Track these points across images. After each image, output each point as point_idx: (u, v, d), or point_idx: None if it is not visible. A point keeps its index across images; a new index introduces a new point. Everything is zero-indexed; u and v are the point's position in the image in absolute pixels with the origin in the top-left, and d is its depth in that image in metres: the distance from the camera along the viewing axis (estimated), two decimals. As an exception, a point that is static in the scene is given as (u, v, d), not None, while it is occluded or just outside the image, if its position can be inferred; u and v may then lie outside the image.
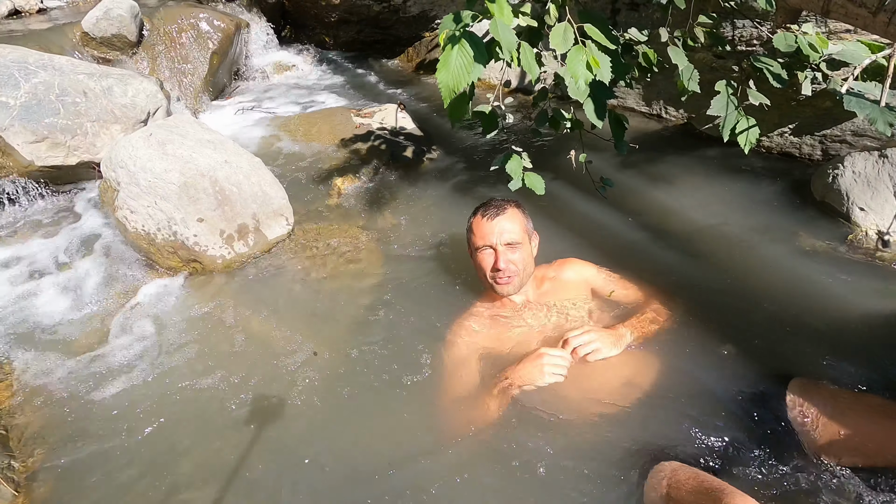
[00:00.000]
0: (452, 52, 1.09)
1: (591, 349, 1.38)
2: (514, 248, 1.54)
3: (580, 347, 1.38)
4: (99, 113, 2.46)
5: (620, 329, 1.44)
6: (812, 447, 1.21)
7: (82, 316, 1.84)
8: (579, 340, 1.39)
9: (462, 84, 1.09)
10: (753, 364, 1.42)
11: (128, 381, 1.60)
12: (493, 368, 1.47)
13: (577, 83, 1.30)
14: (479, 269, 1.58)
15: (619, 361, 1.45)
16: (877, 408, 1.19)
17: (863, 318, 1.52)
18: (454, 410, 1.39)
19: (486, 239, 1.53)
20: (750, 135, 1.73)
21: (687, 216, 2.08)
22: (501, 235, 1.53)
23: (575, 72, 1.27)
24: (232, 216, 1.98)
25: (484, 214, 1.57)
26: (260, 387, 1.55)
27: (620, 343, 1.42)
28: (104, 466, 1.37)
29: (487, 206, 1.60)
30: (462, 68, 1.09)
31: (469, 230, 1.62)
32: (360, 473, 1.31)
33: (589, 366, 1.41)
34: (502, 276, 1.52)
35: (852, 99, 1.68)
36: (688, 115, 2.64)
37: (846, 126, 2.10)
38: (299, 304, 1.86)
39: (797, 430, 1.24)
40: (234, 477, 1.32)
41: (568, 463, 1.27)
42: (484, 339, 1.54)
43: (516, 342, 1.52)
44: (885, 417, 1.17)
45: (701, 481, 1.05)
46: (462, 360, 1.47)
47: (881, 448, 1.14)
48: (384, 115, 3.10)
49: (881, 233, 1.78)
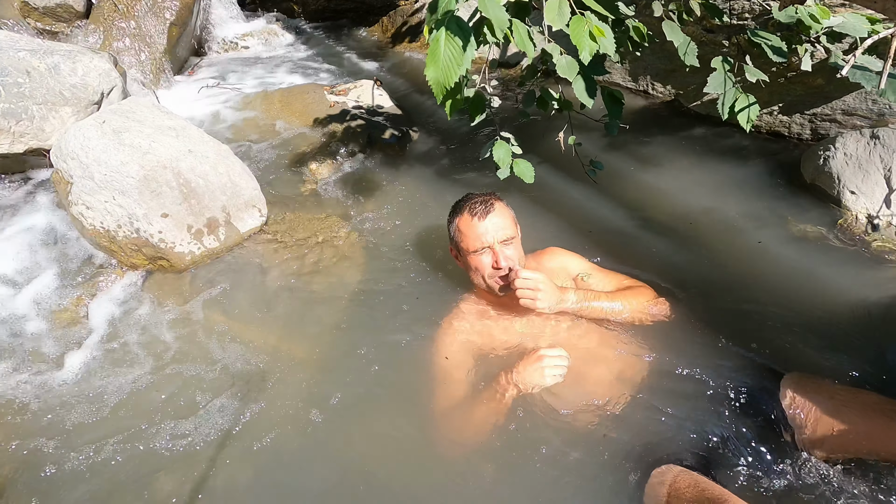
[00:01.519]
0: (440, 42, 0.98)
1: (528, 296, 1.35)
2: (509, 244, 1.45)
3: (520, 290, 1.35)
4: (46, 94, 2.24)
5: (568, 293, 1.41)
6: (807, 443, 1.20)
7: (39, 320, 1.71)
8: (523, 283, 1.35)
9: (453, 77, 0.99)
10: (745, 356, 1.40)
11: (92, 389, 1.51)
12: (486, 368, 1.42)
13: (582, 54, 1.20)
14: (473, 272, 1.48)
15: (611, 355, 1.42)
16: (873, 405, 1.18)
17: (853, 306, 1.51)
18: (453, 417, 1.34)
19: (482, 240, 1.43)
20: (750, 112, 1.66)
21: (676, 200, 2.03)
22: (497, 233, 1.43)
23: (580, 43, 1.17)
24: (199, 210, 1.84)
25: (473, 213, 1.45)
26: (235, 388, 1.48)
27: (560, 303, 1.38)
28: (74, 477, 1.29)
29: (472, 203, 1.48)
30: (451, 60, 0.98)
31: (457, 231, 1.49)
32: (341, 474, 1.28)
33: (581, 360, 1.37)
34: (527, 282, 1.38)
35: (857, 71, 1.62)
36: (675, 92, 2.56)
37: (836, 104, 2.06)
38: (276, 300, 1.76)
39: (792, 425, 1.23)
40: (209, 483, 1.27)
41: (566, 465, 1.24)
42: (475, 337, 1.48)
43: (507, 338, 1.47)
44: (881, 415, 1.16)
45: (702, 490, 1.03)
46: (455, 363, 1.41)
47: (876, 445, 1.14)
48: (360, 93, 2.94)
49: (871, 217, 1.76)
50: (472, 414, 1.32)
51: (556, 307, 1.39)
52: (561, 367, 1.28)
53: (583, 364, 1.39)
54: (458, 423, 1.33)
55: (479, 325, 1.50)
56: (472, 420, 1.31)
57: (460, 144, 2.58)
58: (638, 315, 1.44)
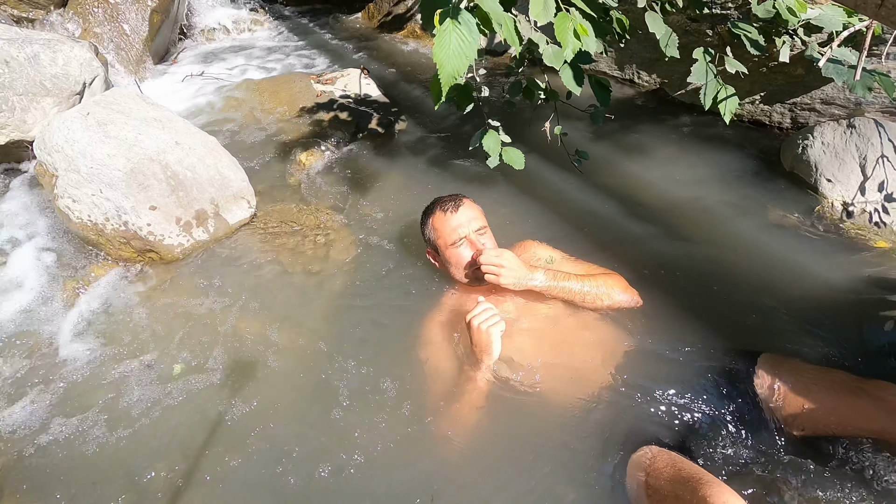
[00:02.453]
0: (450, 34, 0.98)
1: (492, 271, 1.40)
2: (483, 233, 1.51)
3: (484, 266, 1.40)
4: (26, 85, 2.20)
5: (536, 272, 1.44)
6: (780, 420, 1.25)
7: (29, 314, 1.70)
8: (487, 258, 1.40)
9: (463, 68, 1.00)
10: (723, 339, 1.45)
11: (82, 382, 1.52)
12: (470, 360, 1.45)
13: (565, 52, 1.22)
14: (454, 267, 1.52)
15: (591, 340, 1.46)
16: (840, 383, 1.24)
17: (827, 290, 1.57)
18: (443, 412, 1.38)
19: (458, 232, 1.48)
20: (730, 104, 1.70)
21: (660, 189, 2.07)
22: (470, 224, 1.49)
23: (564, 40, 1.19)
24: (188, 202, 1.84)
25: (444, 210, 1.52)
26: (226, 378, 1.50)
27: (527, 280, 1.42)
28: (69, 474, 1.30)
29: (442, 202, 1.55)
30: (461, 51, 1.00)
31: (432, 230, 1.55)
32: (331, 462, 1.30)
33: (560, 345, 1.42)
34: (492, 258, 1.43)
35: (830, 65, 1.67)
36: (660, 81, 2.59)
37: (816, 94, 2.11)
38: (266, 291, 1.78)
39: (765, 403, 1.28)
40: (201, 470, 1.30)
41: (548, 449, 1.28)
42: (458, 332, 1.51)
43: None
44: (847, 392, 1.21)
45: (679, 469, 1.08)
46: (441, 358, 1.44)
47: (843, 420, 1.20)
48: (347, 81, 2.92)
49: (846, 204, 1.82)
50: (457, 407, 1.36)
51: (523, 283, 1.42)
52: (491, 317, 1.32)
53: (562, 349, 1.43)
54: (447, 419, 1.37)
55: (461, 318, 1.53)
56: (459, 414, 1.35)
57: (448, 133, 2.59)
58: (606, 299, 1.47)
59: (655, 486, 1.08)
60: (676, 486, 1.04)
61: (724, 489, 0.97)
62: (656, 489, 1.08)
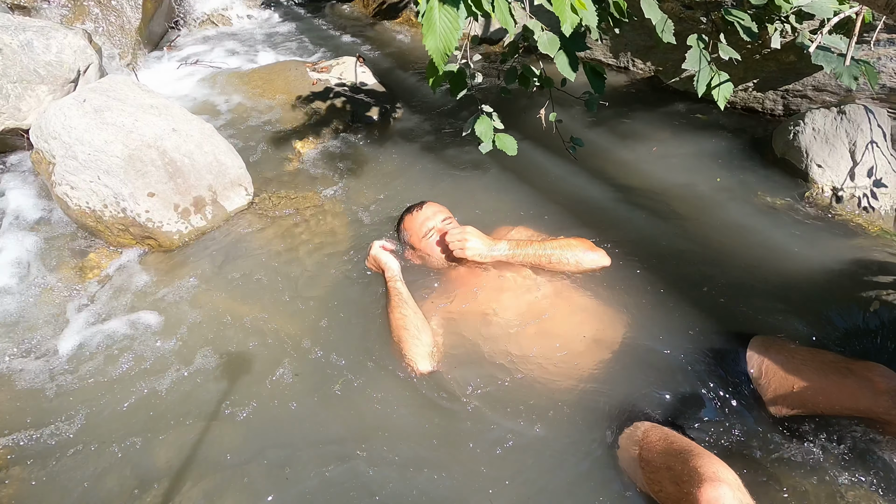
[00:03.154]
0: (434, 12, 1.01)
1: (457, 246, 1.54)
2: (449, 223, 1.67)
3: (450, 242, 1.56)
4: (20, 72, 2.20)
5: (500, 242, 1.57)
6: (769, 400, 1.28)
7: (29, 302, 1.72)
8: (452, 236, 1.56)
9: (452, 45, 1.03)
10: (715, 322, 1.49)
11: (86, 371, 1.53)
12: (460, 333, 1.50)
13: (563, 26, 1.24)
14: (432, 256, 1.66)
15: (581, 318, 1.49)
16: (829, 363, 1.26)
17: (817, 274, 1.60)
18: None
19: (426, 224, 1.66)
20: (723, 90, 1.72)
21: (653, 175, 2.09)
22: (436, 216, 1.67)
23: (562, 14, 1.21)
24: (186, 189, 1.85)
25: (411, 211, 1.72)
26: (225, 363, 1.52)
27: (491, 250, 1.55)
28: (74, 459, 1.33)
29: (409, 207, 1.76)
30: (449, 29, 1.02)
31: (405, 231, 1.72)
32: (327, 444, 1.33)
33: (551, 323, 1.46)
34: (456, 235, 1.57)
35: (819, 53, 1.69)
36: (655, 69, 2.61)
37: (807, 81, 2.13)
38: (264, 277, 1.80)
39: (756, 384, 1.31)
40: (206, 461, 1.32)
41: (541, 430, 1.31)
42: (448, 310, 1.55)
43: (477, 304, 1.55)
44: (836, 372, 1.24)
45: (671, 442, 1.11)
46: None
47: (831, 400, 1.22)
48: (342, 69, 2.92)
49: (836, 189, 1.85)
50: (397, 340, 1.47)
51: (488, 254, 1.55)
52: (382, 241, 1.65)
53: (552, 328, 1.47)
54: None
55: (444, 298, 1.58)
56: (395, 338, 1.47)
57: (444, 121, 2.60)
58: (573, 259, 1.55)
59: (648, 459, 1.12)
60: (668, 458, 1.07)
61: (714, 460, 1.01)
62: (649, 461, 1.11)
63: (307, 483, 1.26)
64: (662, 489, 1.06)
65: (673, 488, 1.03)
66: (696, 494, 0.95)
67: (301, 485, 1.26)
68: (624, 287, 1.59)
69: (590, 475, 1.22)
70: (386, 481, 1.25)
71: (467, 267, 1.62)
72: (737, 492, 0.94)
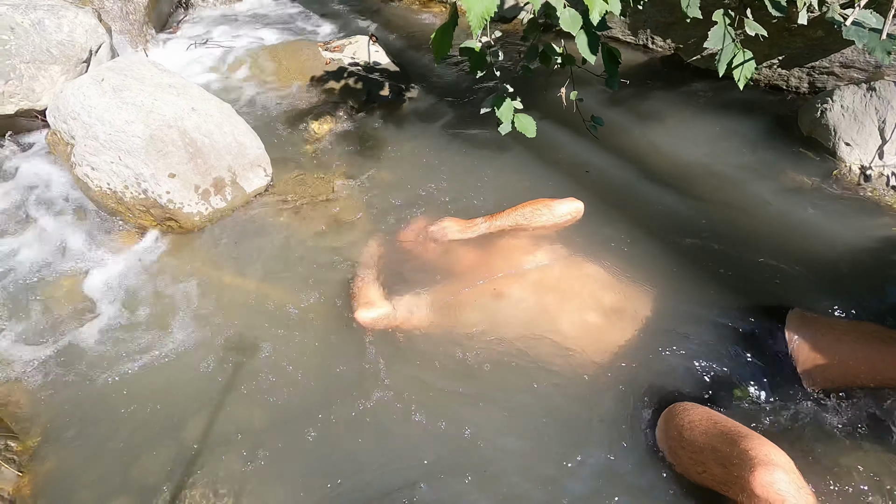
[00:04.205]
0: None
1: (441, 234, 1.69)
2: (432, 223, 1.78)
3: (432, 233, 1.70)
4: (33, 52, 2.16)
5: (476, 220, 1.70)
6: (811, 374, 1.26)
7: (54, 284, 1.72)
8: (432, 229, 1.71)
9: (492, 10, 1.00)
10: (745, 300, 1.48)
11: (115, 350, 1.55)
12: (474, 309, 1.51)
13: (592, 14, 1.21)
14: (434, 257, 1.71)
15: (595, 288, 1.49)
16: (871, 333, 1.24)
17: (846, 251, 1.59)
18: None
19: (416, 233, 1.77)
20: (745, 69, 1.68)
21: (676, 154, 2.06)
22: (420, 224, 1.81)
23: (591, 3, 1.18)
24: (206, 170, 1.83)
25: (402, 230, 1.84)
26: (245, 343, 1.53)
27: (470, 229, 1.69)
28: (106, 438, 1.35)
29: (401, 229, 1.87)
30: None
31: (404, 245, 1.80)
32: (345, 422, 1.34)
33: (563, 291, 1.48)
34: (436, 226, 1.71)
35: (851, 28, 1.64)
36: (675, 46, 2.55)
37: (835, 57, 2.08)
38: (284, 258, 1.80)
39: (795, 359, 1.28)
40: (233, 439, 1.34)
41: (571, 408, 1.31)
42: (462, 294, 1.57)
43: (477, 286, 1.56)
44: (879, 341, 1.22)
45: (715, 422, 1.09)
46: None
47: (876, 369, 1.20)
48: (355, 49, 2.87)
49: (864, 168, 1.82)
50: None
51: (468, 231, 1.69)
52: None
53: (566, 297, 1.47)
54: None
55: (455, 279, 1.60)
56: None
57: (459, 101, 2.57)
58: (546, 211, 1.66)
59: (690, 439, 1.09)
60: (713, 439, 1.04)
61: (765, 442, 0.98)
62: (691, 441, 1.09)
63: (336, 449, 1.27)
64: (706, 470, 1.04)
65: (719, 470, 1.01)
66: (747, 478, 0.93)
67: (328, 450, 1.27)
68: (647, 264, 1.58)
69: (625, 455, 1.22)
70: (418, 466, 1.25)
71: (467, 252, 1.66)
72: (791, 475, 0.93)
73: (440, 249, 1.70)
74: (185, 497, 1.22)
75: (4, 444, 1.26)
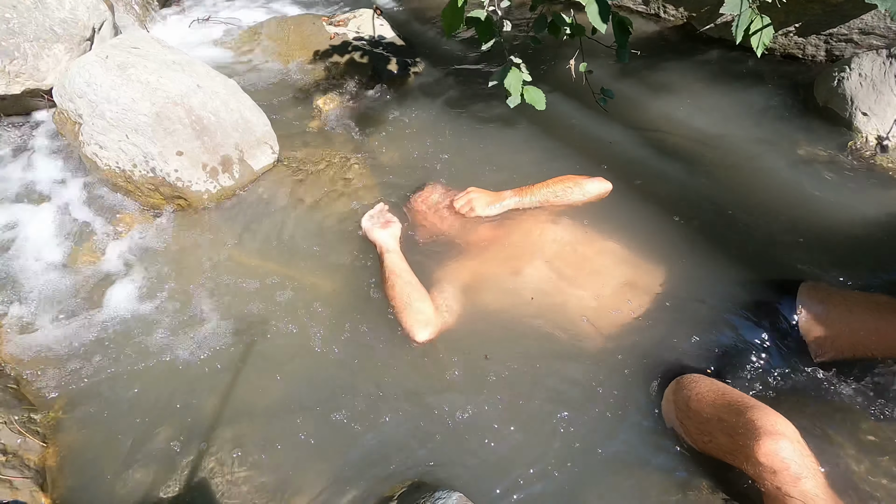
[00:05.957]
0: None
1: (466, 208, 1.63)
2: (452, 192, 1.72)
3: (459, 208, 1.64)
4: (36, 31, 2.15)
5: (504, 193, 1.66)
6: (820, 345, 1.25)
7: (66, 262, 1.74)
8: (458, 202, 1.66)
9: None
10: (757, 272, 1.46)
11: (130, 327, 1.57)
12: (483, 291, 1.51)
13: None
14: (448, 229, 1.68)
15: (610, 262, 1.49)
16: (884, 304, 1.22)
17: (861, 223, 1.57)
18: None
19: (430, 199, 1.73)
20: (764, 35, 1.63)
21: (688, 126, 2.03)
22: (437, 190, 1.76)
23: None
24: (213, 147, 1.83)
25: (414, 195, 1.79)
26: (258, 321, 1.55)
27: (497, 204, 1.64)
28: (126, 412, 1.38)
29: (412, 193, 1.82)
30: None
31: (415, 215, 1.75)
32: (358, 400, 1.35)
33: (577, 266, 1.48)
34: (462, 199, 1.66)
35: (872, -10, 1.58)
36: (688, 15, 2.48)
37: (853, 24, 2.02)
38: (293, 235, 1.80)
39: (804, 331, 1.27)
40: (249, 413, 1.36)
41: (581, 383, 1.32)
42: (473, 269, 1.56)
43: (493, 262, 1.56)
44: (892, 312, 1.20)
45: (721, 393, 1.09)
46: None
47: (887, 341, 1.18)
48: (360, 23, 2.82)
49: (881, 138, 1.78)
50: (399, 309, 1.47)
51: (497, 207, 1.63)
52: (371, 211, 1.74)
53: (581, 273, 1.47)
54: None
55: (469, 260, 1.58)
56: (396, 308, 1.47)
57: (466, 75, 2.53)
58: (577, 189, 1.64)
59: (697, 410, 1.10)
60: (720, 410, 1.05)
61: (771, 412, 0.98)
62: (698, 412, 1.10)
63: (344, 430, 1.30)
64: (713, 440, 1.06)
65: (725, 440, 1.02)
66: (752, 447, 0.94)
67: (337, 430, 1.29)
68: (660, 237, 1.57)
69: (633, 428, 1.23)
70: (430, 435, 1.28)
71: (486, 227, 1.63)
72: (796, 443, 0.93)
73: (458, 222, 1.67)
74: (205, 467, 1.25)
75: (28, 416, 1.30)
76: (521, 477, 1.17)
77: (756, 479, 0.96)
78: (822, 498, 0.91)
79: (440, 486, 1.11)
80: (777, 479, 0.92)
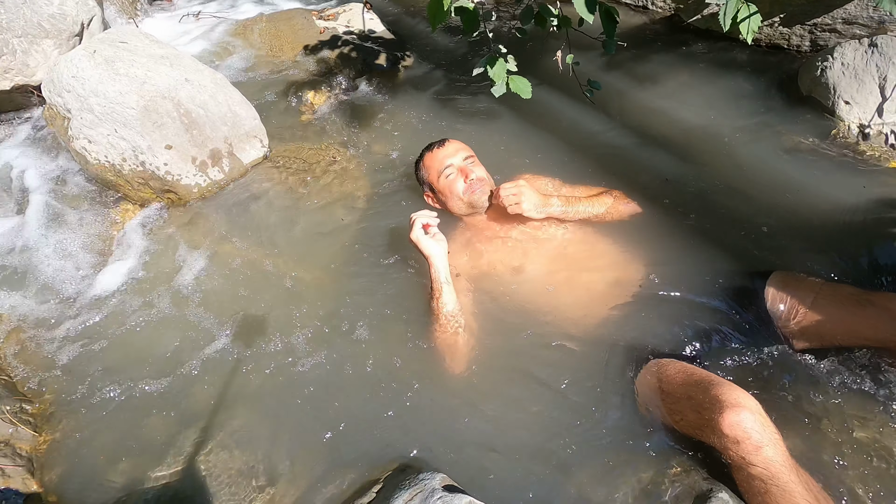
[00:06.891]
0: None
1: (513, 202, 1.47)
2: (471, 161, 1.60)
3: (504, 198, 1.48)
4: (24, 26, 2.16)
5: (552, 198, 1.52)
6: (787, 334, 1.31)
7: (59, 256, 1.75)
8: (506, 191, 1.48)
9: None
10: (736, 262, 1.49)
11: (121, 317, 1.59)
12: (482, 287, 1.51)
13: None
14: (452, 198, 1.59)
15: (603, 263, 1.51)
16: (849, 296, 1.27)
17: (840, 210, 1.59)
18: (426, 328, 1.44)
19: (446, 162, 1.58)
20: (752, 22, 1.65)
21: (673, 117, 2.04)
22: (457, 154, 1.59)
23: None
24: (202, 141, 1.84)
25: (431, 149, 1.64)
26: (249, 314, 1.56)
27: (544, 208, 1.50)
28: (117, 399, 1.40)
29: (429, 144, 1.67)
30: None
31: (424, 169, 1.65)
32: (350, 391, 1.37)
33: (573, 268, 1.48)
34: (476, 183, 1.55)
35: (855, -19, 1.60)
36: (675, 7, 2.50)
37: (837, 13, 2.03)
38: (283, 228, 1.82)
39: (775, 319, 1.33)
40: (241, 399, 1.38)
41: (561, 368, 1.34)
42: (467, 264, 1.56)
43: (498, 256, 1.56)
44: (855, 304, 1.25)
45: (690, 374, 1.13)
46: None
47: (849, 331, 1.24)
48: (350, 17, 2.83)
49: (863, 126, 1.81)
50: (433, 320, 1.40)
51: (542, 210, 1.50)
52: (425, 217, 1.44)
53: (575, 272, 1.49)
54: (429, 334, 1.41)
55: (470, 250, 1.58)
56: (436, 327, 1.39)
57: (454, 68, 2.54)
58: (614, 212, 1.57)
59: (668, 391, 1.14)
60: (689, 389, 1.10)
61: (735, 388, 1.02)
62: (669, 393, 1.14)
63: (331, 418, 1.32)
64: (683, 418, 1.09)
65: (694, 416, 1.06)
66: (717, 420, 0.97)
67: (324, 419, 1.31)
68: (643, 229, 1.59)
69: (612, 411, 1.25)
70: (415, 421, 1.30)
71: (491, 215, 1.60)
72: (758, 416, 0.97)
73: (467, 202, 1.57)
74: (197, 455, 1.27)
75: (19, 406, 1.32)
76: (502, 458, 1.19)
77: (722, 451, 1.00)
78: (783, 464, 0.94)
79: (424, 469, 1.13)
80: (740, 449, 0.95)
